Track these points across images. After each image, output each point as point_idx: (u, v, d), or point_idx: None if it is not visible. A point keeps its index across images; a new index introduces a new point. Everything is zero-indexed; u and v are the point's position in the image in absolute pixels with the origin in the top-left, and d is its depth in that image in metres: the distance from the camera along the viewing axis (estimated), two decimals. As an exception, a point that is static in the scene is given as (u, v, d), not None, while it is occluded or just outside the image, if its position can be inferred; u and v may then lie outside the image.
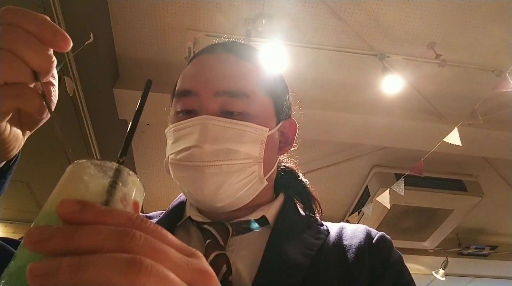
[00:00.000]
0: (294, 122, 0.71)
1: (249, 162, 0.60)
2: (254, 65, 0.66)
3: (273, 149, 0.66)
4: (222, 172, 0.58)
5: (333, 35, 2.28)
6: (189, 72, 0.66)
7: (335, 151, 3.06)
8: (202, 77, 0.62)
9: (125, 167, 0.36)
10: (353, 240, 0.61)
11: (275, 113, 0.66)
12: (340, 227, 0.65)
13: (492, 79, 2.31)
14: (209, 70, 0.63)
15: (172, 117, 0.65)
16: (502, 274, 4.32)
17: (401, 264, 0.60)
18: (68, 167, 0.37)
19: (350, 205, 3.62)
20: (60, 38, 0.37)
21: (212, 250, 0.56)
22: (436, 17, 2.17)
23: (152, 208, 3.98)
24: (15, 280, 0.28)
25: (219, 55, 0.65)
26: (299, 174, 0.77)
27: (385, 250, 0.60)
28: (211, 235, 0.59)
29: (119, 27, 2.27)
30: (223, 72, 0.62)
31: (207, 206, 0.62)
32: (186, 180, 0.61)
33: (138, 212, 0.37)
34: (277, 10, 2.15)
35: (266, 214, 0.63)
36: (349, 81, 2.53)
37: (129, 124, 0.41)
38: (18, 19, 0.36)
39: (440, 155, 2.37)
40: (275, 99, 0.66)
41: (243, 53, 0.67)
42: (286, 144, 0.70)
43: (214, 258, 0.55)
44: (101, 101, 2.40)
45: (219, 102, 0.60)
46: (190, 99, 0.62)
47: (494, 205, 3.50)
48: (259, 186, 0.63)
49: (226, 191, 0.59)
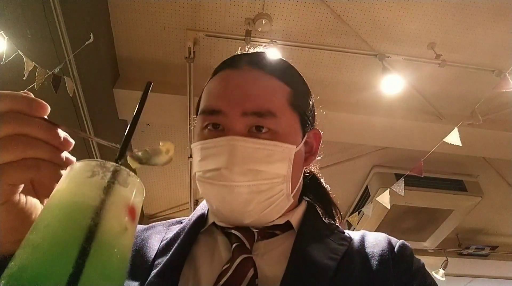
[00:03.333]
0: (318, 132, 0.71)
1: (277, 181, 0.61)
2: (281, 80, 0.65)
3: (300, 164, 0.66)
4: (251, 191, 0.59)
5: (333, 35, 2.28)
6: (215, 89, 0.65)
7: (335, 151, 3.06)
8: (229, 97, 0.62)
9: (125, 168, 0.36)
10: (376, 248, 0.61)
11: (301, 127, 0.66)
12: (362, 235, 0.66)
13: (492, 79, 2.31)
14: (235, 88, 0.62)
15: (198, 132, 0.65)
16: (502, 274, 4.32)
17: (423, 270, 0.61)
18: (68, 167, 0.37)
19: (350, 205, 3.62)
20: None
21: (239, 253, 0.57)
22: (436, 17, 2.17)
23: (152, 208, 3.98)
24: (15, 280, 0.28)
25: (245, 72, 0.65)
26: (320, 180, 0.77)
27: (408, 258, 0.61)
28: (238, 239, 0.60)
29: (119, 27, 2.27)
30: (250, 91, 0.62)
31: (234, 223, 0.63)
32: (215, 197, 0.62)
33: (137, 211, 0.37)
34: (277, 10, 2.16)
35: (290, 220, 0.64)
36: (349, 81, 2.53)
37: (128, 126, 0.41)
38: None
39: (440, 155, 2.37)
40: (301, 113, 0.66)
41: (269, 67, 0.66)
42: (311, 154, 0.70)
43: (241, 262, 0.55)
44: (101, 101, 2.40)
45: (247, 122, 0.60)
46: (217, 118, 0.61)
47: (494, 205, 3.50)
48: (286, 204, 0.64)
49: (254, 208, 0.60)
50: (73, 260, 0.29)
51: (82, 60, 1.94)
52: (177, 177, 3.22)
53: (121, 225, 0.34)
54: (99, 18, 2.14)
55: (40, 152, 0.38)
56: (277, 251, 0.60)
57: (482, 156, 3.03)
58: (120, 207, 0.34)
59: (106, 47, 2.29)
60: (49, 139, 0.39)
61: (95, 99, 2.22)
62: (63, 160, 0.41)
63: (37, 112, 0.39)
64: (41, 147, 0.38)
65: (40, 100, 0.39)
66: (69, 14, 1.77)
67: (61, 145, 0.40)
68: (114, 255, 0.32)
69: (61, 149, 0.40)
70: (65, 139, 0.40)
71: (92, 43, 1.81)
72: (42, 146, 0.39)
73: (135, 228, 0.38)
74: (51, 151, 0.39)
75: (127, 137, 0.41)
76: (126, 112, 2.55)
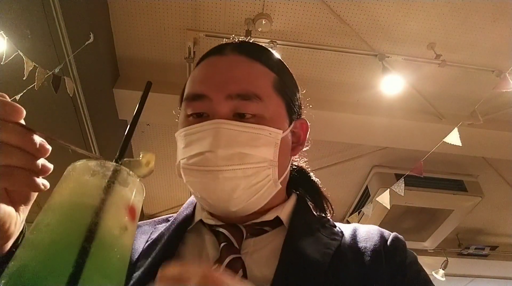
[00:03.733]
0: (305, 122, 0.71)
1: (263, 165, 0.59)
2: (265, 65, 0.65)
3: (286, 151, 0.65)
4: (237, 177, 0.57)
5: (333, 35, 2.28)
6: (199, 75, 0.64)
7: (335, 151, 3.06)
8: (213, 80, 0.61)
9: (125, 168, 0.36)
10: (368, 242, 0.60)
11: (287, 114, 0.65)
12: (353, 229, 0.64)
13: (492, 79, 2.31)
14: (220, 72, 0.61)
15: (182, 120, 0.63)
16: (502, 275, 4.32)
17: (416, 263, 0.60)
18: (68, 167, 0.37)
19: (350, 205, 3.62)
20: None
21: (227, 253, 0.55)
22: (436, 17, 2.17)
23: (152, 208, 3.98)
24: (15, 280, 0.28)
25: (229, 57, 0.64)
26: (310, 174, 0.76)
27: (400, 251, 0.60)
28: (226, 238, 0.58)
29: (119, 27, 2.27)
30: (234, 74, 0.61)
31: (221, 211, 0.61)
32: (200, 185, 0.60)
33: (137, 211, 0.37)
34: (277, 10, 2.16)
35: (280, 215, 0.62)
36: (349, 81, 2.53)
37: (128, 127, 0.41)
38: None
39: (440, 155, 2.37)
40: (287, 99, 0.65)
41: (254, 54, 0.65)
42: (298, 144, 0.69)
43: (230, 262, 0.54)
44: (101, 101, 2.40)
45: (231, 105, 0.59)
46: (201, 103, 0.60)
47: (494, 205, 3.50)
48: (273, 190, 0.62)
49: (240, 195, 0.58)
50: (73, 260, 0.29)
51: (82, 60, 1.94)
52: (177, 177, 3.21)
53: (121, 225, 0.34)
54: (99, 18, 2.13)
55: (13, 159, 0.36)
56: (267, 249, 0.58)
57: (482, 156, 3.03)
58: (120, 207, 0.34)
59: (106, 47, 2.29)
60: (24, 146, 0.37)
61: (95, 99, 2.22)
62: (39, 167, 0.39)
63: (11, 116, 0.37)
64: (15, 154, 0.36)
65: (15, 104, 0.37)
66: (69, 14, 1.77)
67: (37, 151, 0.38)
68: (114, 254, 0.32)
69: (36, 156, 0.38)
70: (42, 145, 0.38)
71: (92, 43, 1.81)
72: (16, 152, 0.37)
73: (135, 228, 0.38)
74: (25, 158, 0.37)
75: (127, 137, 0.41)
76: (126, 112, 2.54)
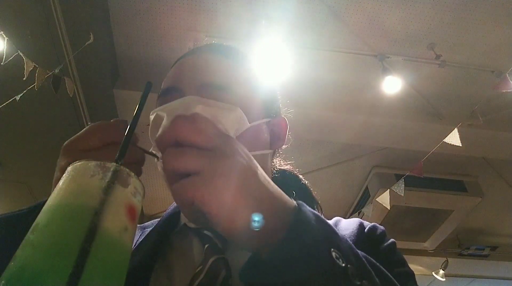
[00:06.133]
0: (285, 120, 0.71)
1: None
2: (239, 63, 0.66)
3: (261, 141, 0.65)
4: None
5: (333, 36, 2.28)
6: (172, 72, 0.66)
7: (335, 151, 3.06)
8: (184, 75, 0.62)
9: (125, 168, 0.36)
10: (346, 231, 0.61)
11: (263, 109, 0.66)
12: (336, 220, 0.66)
13: (492, 80, 2.31)
14: (191, 68, 0.63)
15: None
16: (502, 275, 4.32)
17: (393, 248, 0.60)
18: (68, 168, 0.37)
19: (350, 205, 3.62)
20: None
21: (211, 254, 0.55)
22: (436, 18, 2.17)
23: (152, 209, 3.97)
24: (15, 280, 0.28)
25: (201, 55, 0.65)
26: (299, 176, 0.77)
27: (377, 238, 0.60)
28: (210, 239, 0.57)
29: (119, 27, 2.27)
30: (206, 67, 0.62)
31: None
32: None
33: (137, 211, 0.37)
34: (277, 11, 2.16)
35: None
36: (349, 82, 2.53)
37: (128, 126, 0.41)
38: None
39: (440, 155, 2.37)
40: (261, 96, 0.67)
41: (227, 53, 0.66)
42: (278, 139, 0.69)
43: (213, 263, 0.53)
44: (101, 101, 2.40)
45: (203, 96, 0.59)
46: (173, 97, 0.60)
47: (494, 206, 3.50)
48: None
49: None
50: (73, 260, 0.29)
51: (82, 60, 1.94)
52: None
53: (121, 225, 0.34)
54: (99, 18, 2.14)
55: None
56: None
57: (482, 156, 3.03)
58: (120, 207, 0.34)
59: (106, 47, 2.29)
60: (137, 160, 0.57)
61: (95, 99, 2.22)
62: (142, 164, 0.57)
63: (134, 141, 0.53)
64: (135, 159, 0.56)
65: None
66: (69, 14, 1.77)
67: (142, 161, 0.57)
68: (114, 255, 0.32)
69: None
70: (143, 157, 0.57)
71: (92, 43, 1.81)
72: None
73: (135, 228, 0.38)
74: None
75: (127, 137, 0.41)
76: (126, 112, 2.54)
